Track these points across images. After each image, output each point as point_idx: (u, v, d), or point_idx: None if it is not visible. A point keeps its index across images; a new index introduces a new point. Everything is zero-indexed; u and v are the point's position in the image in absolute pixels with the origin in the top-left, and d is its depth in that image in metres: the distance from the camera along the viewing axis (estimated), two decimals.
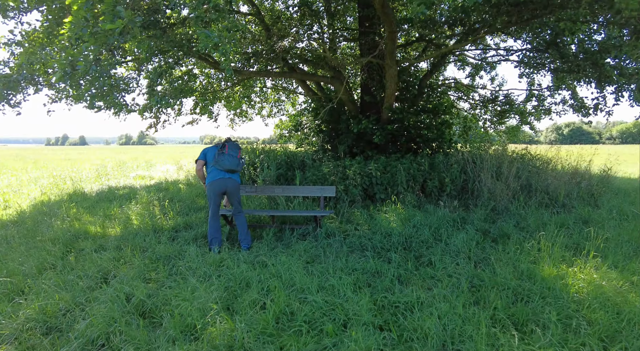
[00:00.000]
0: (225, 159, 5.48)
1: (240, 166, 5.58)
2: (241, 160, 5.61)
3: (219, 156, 5.51)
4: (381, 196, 7.80)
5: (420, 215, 6.48)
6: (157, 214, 7.29)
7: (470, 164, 8.12)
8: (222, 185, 5.56)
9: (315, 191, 6.33)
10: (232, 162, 5.50)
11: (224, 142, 5.72)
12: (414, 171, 8.09)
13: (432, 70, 10.76)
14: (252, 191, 6.47)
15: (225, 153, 5.52)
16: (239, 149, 5.66)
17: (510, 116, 12.19)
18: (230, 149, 5.57)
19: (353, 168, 7.89)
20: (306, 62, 10.96)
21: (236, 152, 5.59)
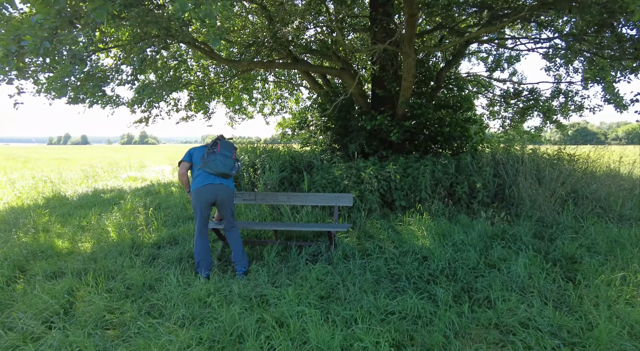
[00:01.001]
0: (217, 159, 4.20)
1: (235, 169, 4.31)
2: (237, 163, 4.35)
3: (209, 156, 4.24)
4: (402, 203, 6.53)
5: (457, 229, 5.20)
6: (139, 224, 6.02)
7: (505, 166, 6.84)
8: (211, 193, 4.29)
9: (329, 200, 5.04)
10: (226, 163, 4.22)
11: (216, 139, 4.47)
12: (438, 174, 6.82)
13: (451, 61, 9.47)
14: (250, 198, 5.19)
15: (217, 152, 4.27)
16: (234, 150, 4.40)
17: (532, 114, 10.91)
18: (223, 148, 4.30)
19: (368, 170, 6.62)
20: (312, 53, 9.68)
21: (231, 153, 4.31)
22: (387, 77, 8.72)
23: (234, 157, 4.31)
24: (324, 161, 7.83)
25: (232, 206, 4.42)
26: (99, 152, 45.32)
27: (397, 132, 7.86)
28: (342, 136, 8.88)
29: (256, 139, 10.29)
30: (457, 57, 9.60)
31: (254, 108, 13.72)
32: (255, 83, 12.81)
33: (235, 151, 4.40)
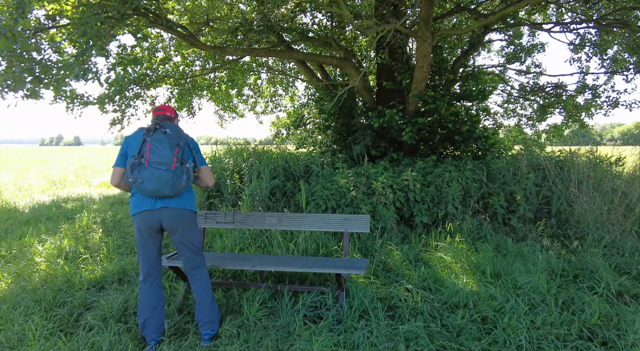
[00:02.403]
0: (146, 175, 2.57)
1: (181, 181, 2.67)
2: (186, 166, 2.68)
3: (135, 170, 2.61)
4: (423, 220, 4.98)
5: (509, 262, 3.63)
6: (82, 252, 4.40)
7: (549, 173, 5.32)
8: (151, 220, 2.71)
9: (336, 224, 3.45)
10: (160, 179, 2.56)
11: (152, 126, 2.71)
12: (467, 183, 5.29)
13: (469, 49, 7.94)
14: (226, 221, 3.61)
15: (145, 164, 2.59)
16: (177, 144, 2.65)
17: (554, 111, 9.42)
18: (157, 147, 2.60)
19: (381, 178, 5.07)
20: (308, 40, 8.11)
21: (169, 154, 2.61)
22: (398, 66, 7.18)
23: (175, 158, 2.62)
24: (324, 165, 6.27)
25: (192, 236, 2.83)
26: (88, 153, 43.22)
27: (411, 130, 6.32)
28: (344, 136, 7.32)
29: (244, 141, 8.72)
30: (474, 46, 8.08)
31: (246, 106, 12.13)
32: (247, 79, 11.24)
33: (180, 144, 2.68)
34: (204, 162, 2.92)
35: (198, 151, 2.89)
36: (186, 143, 2.79)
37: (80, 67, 3.77)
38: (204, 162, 2.92)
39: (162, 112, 2.86)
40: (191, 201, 2.83)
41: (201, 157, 2.91)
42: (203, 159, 2.92)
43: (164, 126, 2.68)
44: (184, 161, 2.68)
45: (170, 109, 2.92)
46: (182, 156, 2.68)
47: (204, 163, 2.92)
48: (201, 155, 2.92)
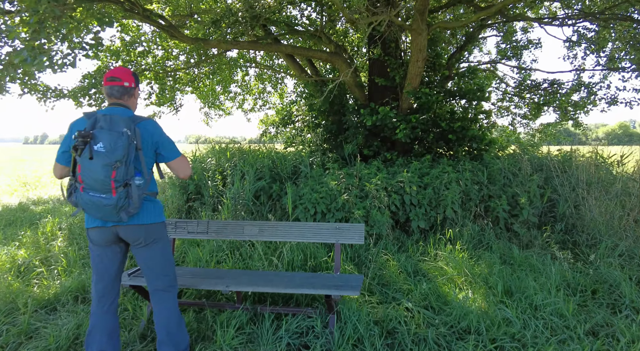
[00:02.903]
0: (84, 202, 2.04)
1: (132, 206, 2.10)
2: (129, 192, 2.09)
3: (72, 194, 2.12)
4: (420, 225, 4.53)
5: (519, 274, 3.18)
6: (37, 264, 3.84)
7: (556, 173, 4.91)
8: (107, 235, 2.20)
9: (325, 234, 2.96)
10: (102, 208, 2.02)
11: (79, 141, 2.01)
12: (467, 184, 4.86)
13: (465, 44, 7.52)
14: (199, 231, 3.10)
15: (80, 190, 2.04)
16: (111, 166, 2.00)
17: (548, 110, 9.07)
18: (90, 169, 1.99)
19: (375, 180, 4.60)
20: (297, 34, 7.61)
21: (103, 179, 2.00)
22: (391, 62, 6.71)
23: (118, 179, 2.03)
24: (313, 165, 5.78)
25: (157, 252, 2.31)
26: None
27: (405, 128, 5.87)
28: (335, 135, 6.84)
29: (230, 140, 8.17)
30: (470, 40, 7.67)
31: (233, 103, 11.57)
32: (234, 75, 10.68)
33: (124, 160, 2.04)
34: (176, 154, 2.34)
35: (166, 144, 2.30)
36: (149, 144, 2.23)
37: (29, 51, 3.21)
38: (176, 154, 2.34)
39: (116, 82, 2.22)
40: (153, 211, 2.30)
41: (171, 151, 2.32)
42: (174, 151, 2.34)
43: (96, 137, 2.00)
44: (128, 182, 2.09)
45: (127, 74, 2.26)
46: (125, 176, 2.06)
47: (177, 155, 2.34)
48: (172, 147, 2.33)
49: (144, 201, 2.24)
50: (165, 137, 2.32)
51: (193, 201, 5.55)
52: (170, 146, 2.32)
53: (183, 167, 2.39)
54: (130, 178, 2.10)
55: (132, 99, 2.34)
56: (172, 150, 2.33)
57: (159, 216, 2.33)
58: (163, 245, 2.34)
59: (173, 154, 2.33)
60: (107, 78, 2.24)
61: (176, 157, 2.34)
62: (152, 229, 2.27)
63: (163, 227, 2.36)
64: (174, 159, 2.34)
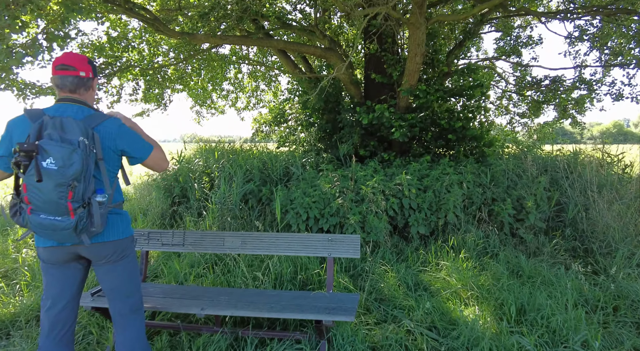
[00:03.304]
0: (33, 224, 1.65)
1: (95, 224, 1.70)
2: (91, 211, 1.70)
3: (16, 213, 1.70)
4: (420, 230, 4.18)
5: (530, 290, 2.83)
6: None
7: (565, 175, 4.57)
8: (62, 254, 1.83)
9: (316, 246, 2.58)
10: (57, 231, 1.65)
11: (20, 157, 1.61)
12: (468, 186, 4.51)
13: (464, 39, 7.17)
14: (174, 243, 2.73)
15: (28, 212, 1.64)
16: (67, 185, 1.61)
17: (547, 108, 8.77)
18: (38, 191, 1.60)
19: (372, 182, 4.24)
20: (289, 28, 7.23)
21: (56, 202, 1.61)
22: (388, 58, 6.36)
23: (75, 200, 1.66)
24: (306, 166, 5.41)
25: (121, 272, 1.93)
26: None
27: (402, 127, 5.52)
28: (329, 134, 6.47)
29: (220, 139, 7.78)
30: (469, 36, 7.32)
31: (226, 102, 11.17)
32: (227, 73, 10.29)
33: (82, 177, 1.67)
34: (147, 150, 1.94)
35: (134, 144, 1.90)
36: (112, 150, 1.85)
37: None
38: (148, 151, 1.94)
39: (70, 71, 1.80)
40: (120, 225, 1.93)
41: (142, 149, 1.92)
42: (145, 148, 1.94)
43: (43, 151, 1.59)
44: (88, 202, 1.71)
45: (82, 61, 1.84)
46: (84, 194, 1.68)
47: (149, 150, 1.95)
48: (141, 144, 1.92)
49: (108, 215, 1.88)
50: (132, 135, 1.91)
51: (178, 205, 5.17)
52: (140, 143, 1.92)
53: (159, 162, 2.01)
54: (91, 195, 1.72)
55: (89, 92, 1.95)
56: (143, 147, 1.93)
57: (126, 230, 1.96)
58: (130, 262, 1.98)
59: (145, 152, 1.94)
60: (57, 66, 1.80)
61: (149, 154, 1.96)
62: (119, 246, 1.91)
63: (130, 242, 2.00)
64: (148, 156, 1.95)
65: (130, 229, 2.00)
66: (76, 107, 1.84)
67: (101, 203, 1.77)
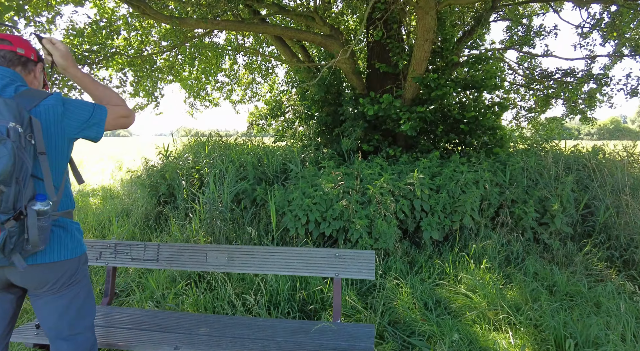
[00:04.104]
0: None
1: (34, 237, 1.19)
2: (29, 223, 1.19)
3: None
4: (433, 235, 3.67)
5: (584, 312, 2.32)
6: None
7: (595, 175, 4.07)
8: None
9: (321, 264, 2.04)
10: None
11: None
12: (485, 186, 4.00)
13: (474, 26, 6.62)
14: (147, 258, 2.20)
15: None
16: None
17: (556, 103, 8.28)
18: None
19: (380, 182, 3.72)
20: (287, 13, 6.64)
21: None
22: (393, 46, 5.81)
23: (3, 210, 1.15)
24: (305, 163, 4.87)
25: (71, 300, 1.41)
26: None
27: (412, 120, 5.00)
28: (330, 128, 5.93)
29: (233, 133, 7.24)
30: (480, 23, 6.77)
31: (221, 94, 10.58)
32: (222, 64, 9.69)
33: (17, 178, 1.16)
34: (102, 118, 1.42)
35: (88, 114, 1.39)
36: (60, 137, 1.34)
37: None
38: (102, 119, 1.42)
39: (3, 44, 1.36)
40: (68, 241, 1.40)
41: (98, 117, 1.41)
42: (100, 116, 1.42)
43: None
44: (22, 211, 1.20)
45: (24, 42, 1.41)
46: (16, 202, 1.18)
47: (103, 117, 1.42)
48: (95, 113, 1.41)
49: (52, 227, 1.36)
50: (81, 109, 1.38)
51: (164, 204, 4.63)
52: (92, 113, 1.40)
53: (120, 122, 1.50)
54: (27, 203, 1.22)
55: (29, 77, 1.43)
56: (99, 114, 1.41)
57: (77, 247, 1.43)
58: (81, 290, 1.45)
59: (100, 124, 1.42)
60: None
61: (105, 121, 1.43)
62: (66, 269, 1.39)
63: (82, 263, 1.47)
64: (105, 120, 1.43)
65: (82, 246, 1.47)
66: (6, 80, 1.32)
67: (41, 213, 1.25)
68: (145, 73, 7.12)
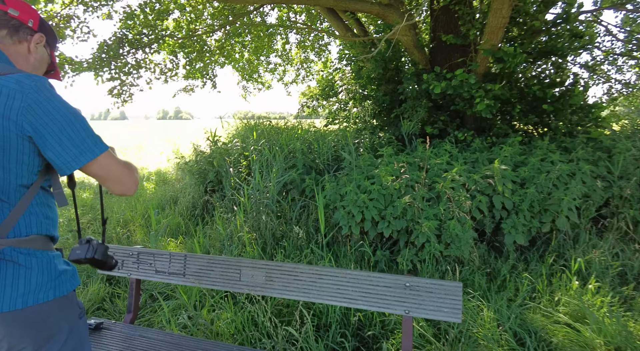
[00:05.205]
0: None
1: None
2: None
3: None
4: (518, 240, 2.95)
5: None
6: None
7: None
8: None
9: (387, 297, 1.50)
10: None
11: None
12: (583, 180, 3.15)
13: None
14: (172, 271, 1.81)
15: None
16: None
17: None
18: None
19: (452, 174, 3.04)
20: None
21: None
22: (464, 11, 4.91)
23: None
24: (360, 149, 4.28)
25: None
26: (125, 129, 42.23)
27: (488, 98, 4.18)
28: (388, 108, 5.24)
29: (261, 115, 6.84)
30: None
31: (273, 75, 10.20)
32: (274, 44, 9.25)
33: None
34: (91, 150, 0.97)
35: (58, 130, 0.93)
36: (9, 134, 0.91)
37: None
38: (92, 152, 0.97)
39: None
40: (23, 282, 0.95)
41: (72, 147, 0.95)
42: (83, 145, 0.96)
43: None
44: None
45: (24, 4, 1.06)
46: None
47: (94, 152, 0.97)
48: (75, 135, 0.95)
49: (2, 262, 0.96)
50: (57, 114, 0.94)
51: (212, 194, 4.33)
52: (72, 133, 0.95)
53: (115, 175, 1.04)
54: None
55: (17, 46, 1.05)
56: (77, 143, 0.96)
57: (45, 288, 0.99)
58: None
59: (91, 151, 0.98)
60: None
61: (96, 155, 0.98)
62: (24, 323, 0.95)
63: (58, 309, 1.02)
64: (86, 163, 0.97)
65: (60, 285, 1.02)
66: None
67: None
68: (197, 55, 6.87)
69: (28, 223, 0.98)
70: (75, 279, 1.07)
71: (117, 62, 6.10)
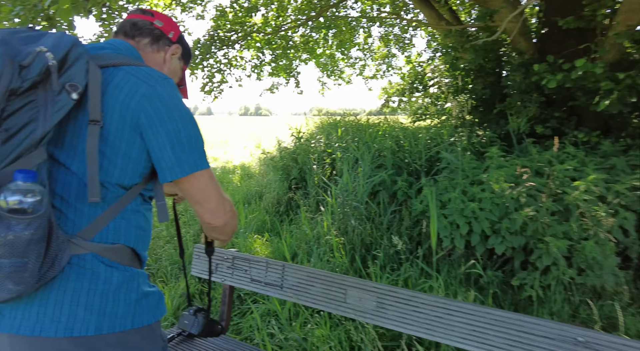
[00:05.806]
0: None
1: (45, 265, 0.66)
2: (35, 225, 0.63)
3: None
4: None
5: None
6: None
7: None
8: None
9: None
10: None
11: None
12: None
13: None
14: (268, 281, 1.61)
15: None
16: None
17: None
18: None
19: (585, 183, 2.45)
20: None
21: None
22: None
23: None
24: (460, 149, 3.79)
25: None
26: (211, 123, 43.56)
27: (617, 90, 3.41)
28: (488, 103, 4.62)
29: (345, 112, 6.58)
30: None
31: (354, 70, 9.90)
32: (355, 38, 8.95)
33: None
34: (197, 163, 0.81)
35: (180, 131, 0.80)
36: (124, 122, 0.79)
37: None
38: (197, 165, 0.81)
39: (144, 15, 1.01)
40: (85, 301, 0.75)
41: (179, 153, 0.79)
42: (198, 154, 0.82)
43: None
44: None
45: (165, 16, 1.06)
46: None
47: (200, 165, 0.82)
48: (195, 144, 0.81)
49: (96, 267, 0.80)
50: (177, 114, 0.83)
51: (296, 191, 4.19)
52: (183, 139, 0.82)
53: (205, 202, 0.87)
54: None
55: (154, 55, 1.00)
56: (189, 152, 0.83)
57: (132, 312, 0.80)
58: None
59: (189, 164, 0.83)
60: (135, 10, 1.05)
61: (191, 171, 0.82)
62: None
63: (145, 344, 0.84)
64: (186, 175, 0.82)
65: (143, 312, 0.83)
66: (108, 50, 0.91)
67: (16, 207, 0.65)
68: (283, 52, 6.85)
69: (117, 228, 0.81)
70: (161, 307, 0.88)
71: (209, 60, 6.31)
